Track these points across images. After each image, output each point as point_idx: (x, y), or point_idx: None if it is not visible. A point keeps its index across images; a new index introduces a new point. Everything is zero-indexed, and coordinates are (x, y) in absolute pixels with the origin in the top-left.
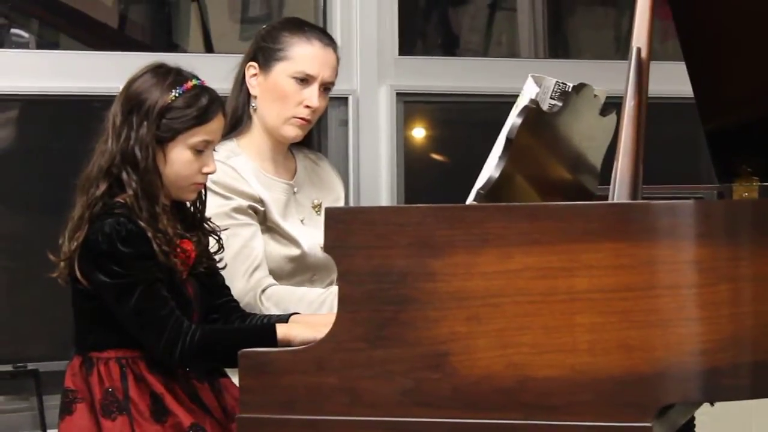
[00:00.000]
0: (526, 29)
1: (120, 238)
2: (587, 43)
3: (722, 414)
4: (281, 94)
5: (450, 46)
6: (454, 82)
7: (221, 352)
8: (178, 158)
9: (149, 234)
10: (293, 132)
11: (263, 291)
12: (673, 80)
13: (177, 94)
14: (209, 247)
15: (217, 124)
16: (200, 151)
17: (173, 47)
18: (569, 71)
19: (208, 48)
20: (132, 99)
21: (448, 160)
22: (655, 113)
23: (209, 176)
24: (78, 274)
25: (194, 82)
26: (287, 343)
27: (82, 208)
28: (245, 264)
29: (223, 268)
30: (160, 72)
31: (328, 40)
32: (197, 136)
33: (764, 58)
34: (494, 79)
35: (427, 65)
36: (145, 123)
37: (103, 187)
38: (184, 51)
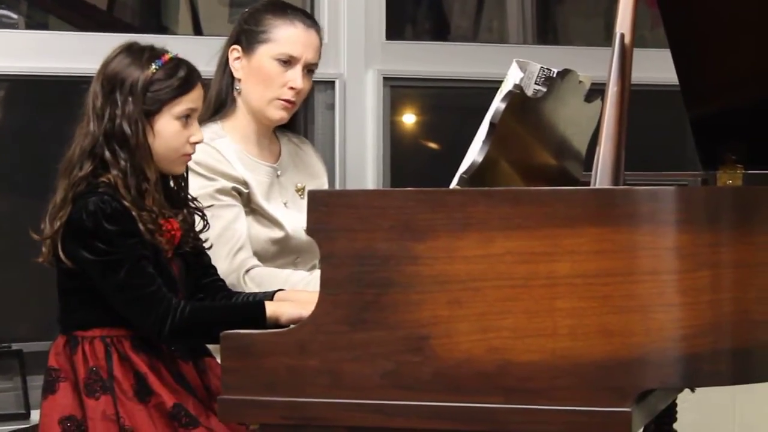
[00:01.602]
0: (515, 15)
1: (105, 216)
2: (576, 29)
3: (705, 400)
4: (265, 76)
5: (440, 32)
6: (442, 67)
7: (210, 328)
8: (167, 129)
9: (134, 213)
10: (278, 114)
11: (247, 271)
12: (660, 67)
13: (157, 67)
14: (194, 226)
15: (198, 92)
16: (186, 120)
17: (162, 29)
18: (558, 58)
19: (197, 30)
20: (111, 79)
21: (436, 146)
22: (642, 100)
23: (193, 157)
24: (61, 254)
25: (170, 54)
26: (276, 320)
27: (65, 190)
28: (228, 245)
29: (209, 248)
30: (134, 49)
31: (311, 22)
32: (182, 105)
33: (749, 45)
34: (482, 64)
35: (414, 50)
36: (130, 99)
37: (87, 167)
38: (173, 33)
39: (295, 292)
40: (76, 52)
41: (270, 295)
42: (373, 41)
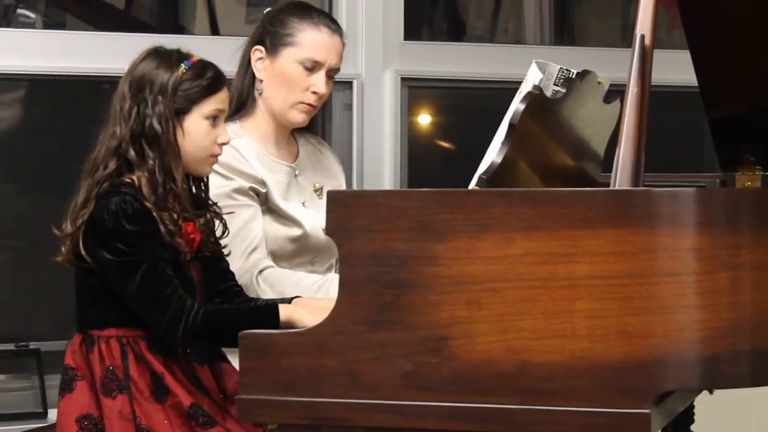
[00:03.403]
0: (532, 16)
1: (126, 216)
2: (593, 30)
3: (722, 402)
4: (288, 80)
5: (456, 33)
6: (459, 68)
7: (224, 331)
8: (196, 129)
9: (154, 214)
10: (299, 117)
11: (260, 272)
12: (678, 69)
13: (186, 67)
14: (215, 231)
15: (225, 93)
16: (214, 120)
17: (179, 29)
18: (575, 58)
19: (214, 30)
20: (140, 81)
21: (453, 146)
22: (660, 102)
23: None
24: (82, 251)
25: (197, 57)
26: (290, 326)
27: (88, 189)
28: (243, 244)
29: (228, 254)
30: (162, 52)
31: (336, 27)
32: (210, 105)
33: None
34: (499, 65)
35: (431, 51)
36: (161, 98)
37: (111, 166)
38: (191, 33)
39: (313, 299)
40: (94, 52)
41: (288, 301)
42: (390, 42)
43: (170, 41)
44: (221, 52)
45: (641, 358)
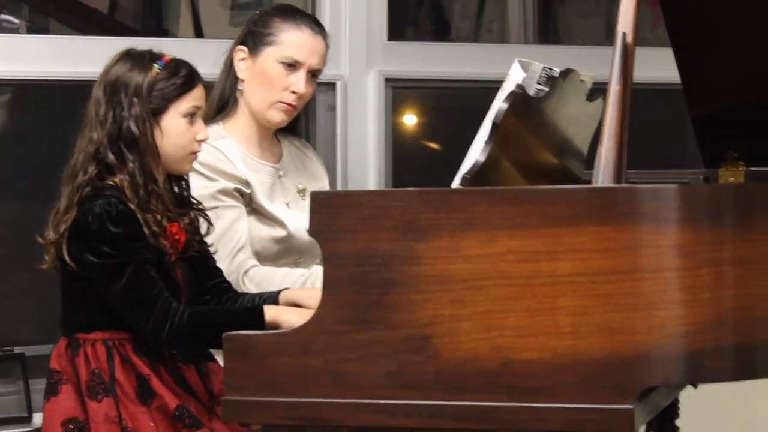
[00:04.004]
0: (516, 16)
1: (110, 219)
2: (577, 29)
3: (707, 396)
4: (268, 79)
5: (441, 33)
6: (443, 68)
7: (209, 333)
8: (174, 127)
9: (139, 215)
10: (278, 117)
11: (245, 272)
12: (663, 66)
13: (160, 67)
14: (199, 230)
15: (201, 90)
16: (192, 117)
17: (163, 32)
18: (559, 57)
19: (198, 33)
20: (114, 84)
21: (438, 147)
22: (644, 99)
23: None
24: (66, 257)
25: (170, 55)
26: (275, 327)
27: (69, 195)
28: (229, 246)
29: (215, 252)
30: (134, 54)
31: (319, 29)
32: (187, 102)
33: (750, 44)
34: (483, 65)
35: (415, 51)
36: (136, 100)
37: (91, 170)
38: (174, 36)
39: (299, 290)
40: (78, 56)
41: (275, 295)
42: (374, 42)
43: (154, 45)
44: (205, 55)
45: (625, 354)
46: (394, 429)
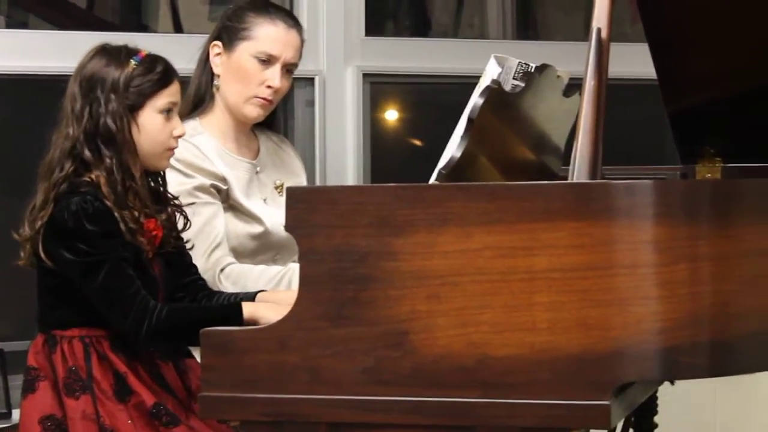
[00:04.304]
0: (495, 11)
1: (86, 216)
2: (556, 25)
3: (685, 392)
4: (243, 74)
5: (421, 28)
6: (421, 63)
7: (187, 330)
8: (151, 123)
9: (115, 213)
10: (254, 112)
11: (222, 270)
12: (642, 62)
13: (136, 63)
14: (176, 226)
15: (177, 86)
16: (168, 113)
17: (142, 27)
18: (538, 53)
19: (177, 28)
20: (90, 79)
21: (417, 142)
22: (623, 95)
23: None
24: (42, 253)
25: (145, 51)
26: (253, 323)
27: (45, 192)
28: (205, 243)
29: (191, 248)
30: (109, 49)
31: (293, 22)
32: (163, 98)
33: (726, 38)
34: (462, 60)
35: (393, 46)
36: (113, 96)
37: (67, 167)
38: (154, 31)
39: (276, 293)
40: (57, 51)
41: (252, 296)
42: (352, 37)
43: (133, 40)
44: (184, 50)
45: (601, 350)
46: (371, 425)
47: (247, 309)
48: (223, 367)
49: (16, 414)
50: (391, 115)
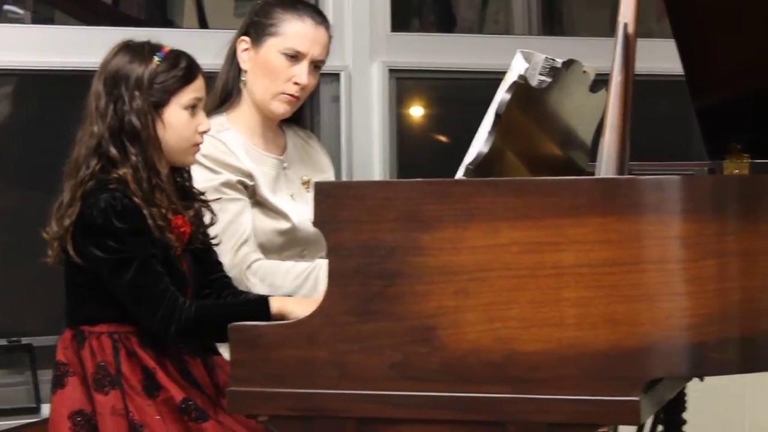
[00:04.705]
0: (520, 6)
1: (115, 213)
2: (582, 21)
3: (714, 389)
4: (270, 70)
5: (447, 24)
6: (447, 59)
7: (215, 327)
8: (176, 119)
9: (144, 210)
10: (281, 108)
11: (249, 266)
12: (668, 57)
13: (160, 59)
14: (204, 222)
15: (201, 81)
16: (193, 109)
17: (168, 23)
18: (564, 48)
19: (203, 24)
20: (114, 76)
21: (442, 138)
22: (649, 91)
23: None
24: (71, 251)
25: (169, 47)
26: (281, 318)
27: (72, 189)
28: (233, 239)
29: (218, 244)
30: (133, 46)
31: (321, 19)
32: (188, 94)
33: (753, 34)
34: (487, 55)
35: (419, 42)
36: (137, 93)
37: (93, 164)
38: (179, 27)
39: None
40: (82, 47)
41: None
42: (378, 33)
43: (158, 36)
44: (209, 45)
45: (629, 345)
46: (399, 420)
47: (275, 304)
48: (252, 362)
49: (45, 408)
50: (417, 111)
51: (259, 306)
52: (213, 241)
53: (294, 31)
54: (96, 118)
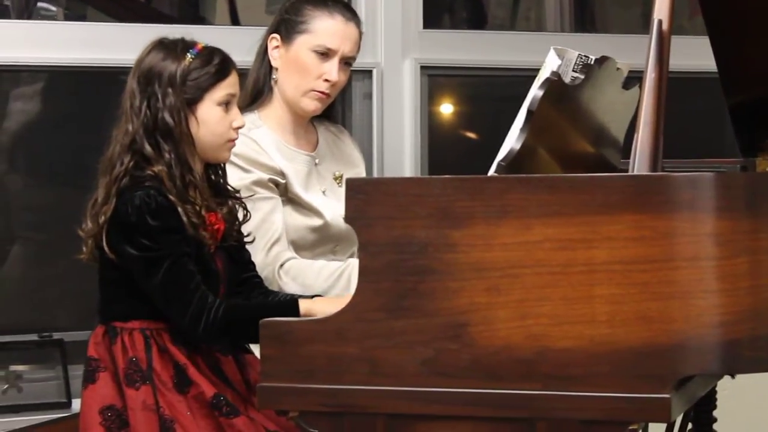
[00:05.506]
0: (552, 4)
1: (149, 211)
2: (613, 18)
3: (745, 387)
4: (301, 67)
5: (478, 21)
6: (479, 56)
7: (245, 327)
8: (210, 116)
9: (178, 207)
10: (312, 105)
11: (281, 265)
12: (700, 55)
13: (193, 56)
14: (237, 219)
15: (235, 77)
16: (227, 105)
17: (200, 20)
18: (595, 45)
19: (235, 21)
20: (147, 74)
21: (473, 135)
22: (681, 88)
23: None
24: (106, 248)
25: (202, 44)
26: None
27: (107, 187)
28: (264, 238)
29: (252, 241)
30: (166, 43)
31: (351, 15)
32: (222, 90)
33: None
34: (519, 53)
35: (451, 39)
36: (170, 90)
37: (127, 161)
38: (211, 24)
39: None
40: (115, 43)
41: (308, 298)
42: (410, 30)
43: (190, 32)
44: (241, 42)
45: (661, 343)
46: (430, 416)
47: (304, 305)
48: (282, 358)
49: (76, 404)
50: (448, 108)
51: (287, 307)
52: (247, 239)
53: (324, 28)
54: (130, 116)
